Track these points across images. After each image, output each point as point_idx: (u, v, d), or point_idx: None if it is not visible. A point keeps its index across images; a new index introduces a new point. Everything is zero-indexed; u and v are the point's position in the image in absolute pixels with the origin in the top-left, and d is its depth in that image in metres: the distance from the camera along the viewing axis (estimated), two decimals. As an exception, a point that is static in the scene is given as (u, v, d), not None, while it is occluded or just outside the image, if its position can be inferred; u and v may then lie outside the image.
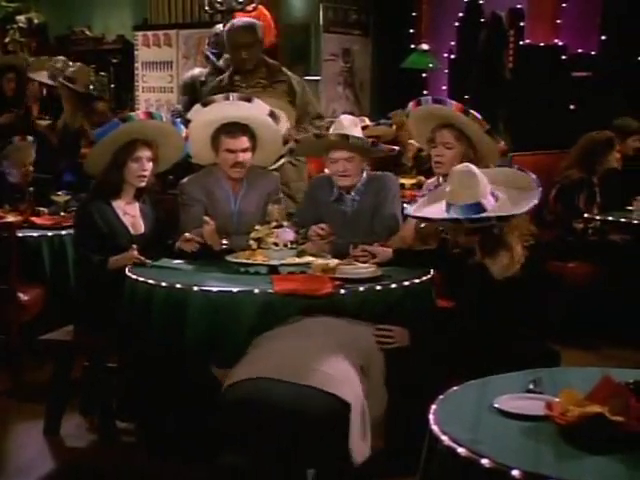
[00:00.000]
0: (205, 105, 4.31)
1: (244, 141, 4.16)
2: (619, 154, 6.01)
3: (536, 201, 3.18)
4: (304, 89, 5.18)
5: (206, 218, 4.00)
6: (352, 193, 4.15)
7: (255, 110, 4.28)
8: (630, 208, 5.88)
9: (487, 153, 3.97)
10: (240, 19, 5.51)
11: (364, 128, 5.35)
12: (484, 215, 3.12)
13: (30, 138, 5.68)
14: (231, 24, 5.33)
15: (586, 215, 5.84)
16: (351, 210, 4.16)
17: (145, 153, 4.06)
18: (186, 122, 4.32)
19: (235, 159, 4.15)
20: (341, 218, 4.14)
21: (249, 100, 4.33)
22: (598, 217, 5.81)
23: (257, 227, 3.81)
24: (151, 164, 4.09)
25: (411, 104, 4.17)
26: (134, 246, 3.90)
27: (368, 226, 4.10)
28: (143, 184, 4.11)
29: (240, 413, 3.11)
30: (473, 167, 3.25)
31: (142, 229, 4.14)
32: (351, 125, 4.15)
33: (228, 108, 4.24)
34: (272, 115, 4.33)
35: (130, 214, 4.13)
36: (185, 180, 4.32)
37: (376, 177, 4.20)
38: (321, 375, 3.11)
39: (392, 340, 3.38)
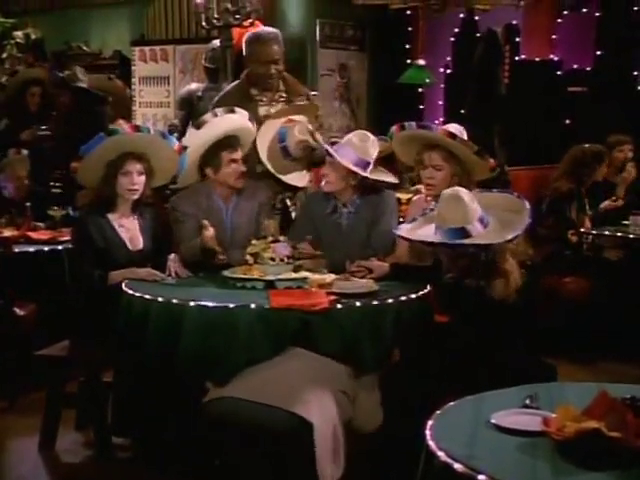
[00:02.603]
0: (199, 127, 4.33)
1: (240, 152, 4.28)
2: (606, 168, 6.06)
3: (520, 232, 3.21)
4: (317, 104, 5.08)
5: (205, 222, 4.00)
6: (348, 206, 4.16)
7: (243, 119, 4.39)
8: (626, 222, 5.90)
9: (477, 170, 4.00)
10: (264, 29, 5.03)
11: None
12: (459, 242, 3.16)
13: (24, 152, 5.67)
14: (257, 36, 4.88)
15: (582, 230, 5.86)
16: (346, 223, 4.16)
17: (135, 167, 4.06)
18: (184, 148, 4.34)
19: (239, 169, 4.23)
20: (336, 230, 4.15)
21: (233, 111, 4.37)
22: (594, 231, 5.83)
23: (254, 242, 3.81)
24: (143, 177, 4.09)
25: (394, 128, 4.18)
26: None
27: (363, 239, 4.10)
28: (135, 197, 4.10)
29: (210, 430, 3.33)
30: (462, 192, 3.28)
31: (140, 245, 4.12)
32: (360, 141, 4.11)
33: (222, 123, 4.28)
34: (250, 120, 4.44)
35: (127, 228, 4.12)
36: (176, 197, 4.35)
37: (374, 191, 4.20)
38: (286, 395, 3.23)
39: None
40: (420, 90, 8.68)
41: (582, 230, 5.86)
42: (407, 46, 8.70)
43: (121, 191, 4.07)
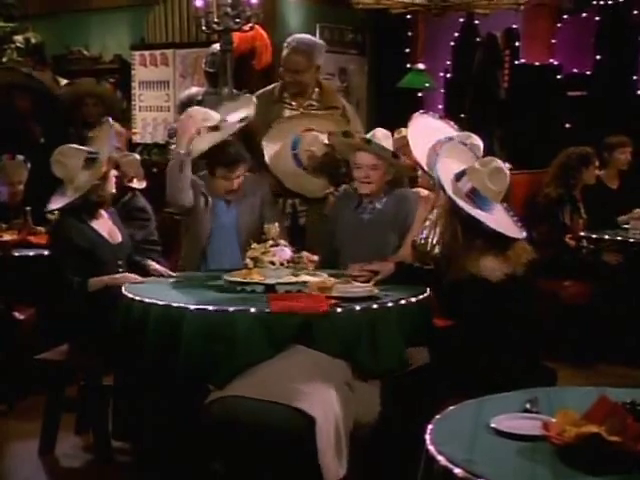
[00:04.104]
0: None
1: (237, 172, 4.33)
2: (597, 170, 6.07)
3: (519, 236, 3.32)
4: (356, 119, 5.06)
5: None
6: (375, 202, 4.23)
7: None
8: (626, 226, 5.90)
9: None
10: (301, 38, 4.97)
11: None
12: (473, 211, 3.21)
13: (20, 157, 5.66)
14: (289, 42, 4.88)
15: (582, 234, 5.87)
16: (369, 217, 4.23)
17: None
18: None
19: (230, 186, 4.33)
20: (358, 224, 4.22)
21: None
22: (594, 235, 5.83)
23: (254, 245, 3.81)
24: None
25: None
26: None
27: (383, 237, 4.12)
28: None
29: (212, 430, 3.31)
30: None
31: (119, 237, 4.18)
32: (383, 138, 4.23)
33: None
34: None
35: (103, 224, 4.16)
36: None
37: (401, 192, 4.27)
38: (287, 390, 3.21)
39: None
40: (420, 94, 8.69)
41: (582, 234, 5.86)
42: (407, 50, 8.71)
43: (112, 189, 4.18)
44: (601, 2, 7.90)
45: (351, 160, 4.28)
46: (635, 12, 7.75)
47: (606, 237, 5.80)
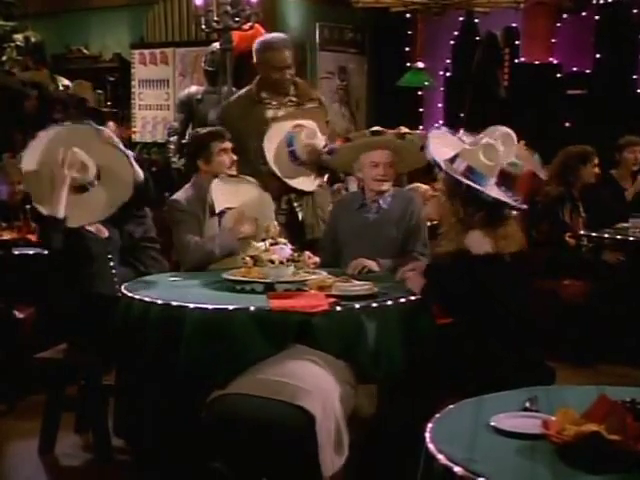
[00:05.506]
0: None
1: (229, 143, 4.43)
2: (594, 168, 6.07)
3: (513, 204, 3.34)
4: (329, 109, 5.10)
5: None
6: (380, 202, 4.22)
7: None
8: (626, 225, 5.90)
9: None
10: (273, 36, 4.97)
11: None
12: (449, 170, 3.26)
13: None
14: (269, 43, 4.83)
15: (582, 232, 5.87)
16: (374, 217, 4.22)
17: None
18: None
19: (230, 157, 4.38)
20: (363, 224, 4.21)
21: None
22: (594, 234, 5.84)
23: (253, 243, 3.81)
24: None
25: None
26: None
27: (387, 236, 4.15)
28: None
29: (214, 428, 3.29)
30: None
31: (106, 232, 4.16)
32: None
33: None
34: None
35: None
36: (175, 195, 4.42)
37: (406, 192, 4.32)
38: (288, 388, 3.21)
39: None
40: (420, 93, 8.70)
41: (581, 233, 5.87)
42: (406, 49, 8.72)
43: None
44: (601, 1, 7.91)
45: (362, 160, 4.23)
46: (635, 11, 7.77)
47: (606, 236, 5.80)
